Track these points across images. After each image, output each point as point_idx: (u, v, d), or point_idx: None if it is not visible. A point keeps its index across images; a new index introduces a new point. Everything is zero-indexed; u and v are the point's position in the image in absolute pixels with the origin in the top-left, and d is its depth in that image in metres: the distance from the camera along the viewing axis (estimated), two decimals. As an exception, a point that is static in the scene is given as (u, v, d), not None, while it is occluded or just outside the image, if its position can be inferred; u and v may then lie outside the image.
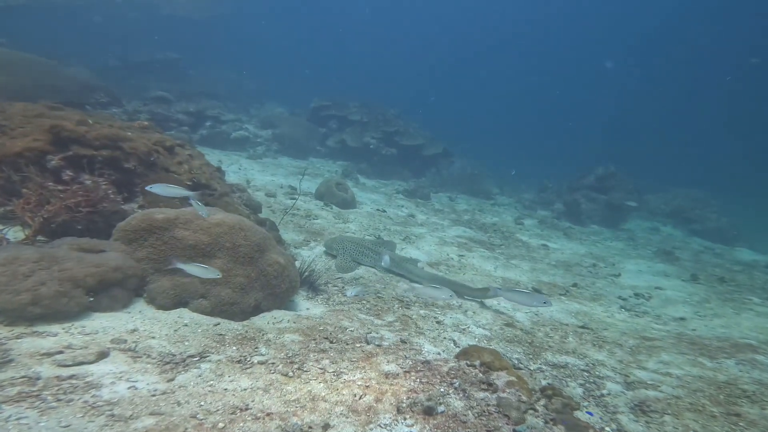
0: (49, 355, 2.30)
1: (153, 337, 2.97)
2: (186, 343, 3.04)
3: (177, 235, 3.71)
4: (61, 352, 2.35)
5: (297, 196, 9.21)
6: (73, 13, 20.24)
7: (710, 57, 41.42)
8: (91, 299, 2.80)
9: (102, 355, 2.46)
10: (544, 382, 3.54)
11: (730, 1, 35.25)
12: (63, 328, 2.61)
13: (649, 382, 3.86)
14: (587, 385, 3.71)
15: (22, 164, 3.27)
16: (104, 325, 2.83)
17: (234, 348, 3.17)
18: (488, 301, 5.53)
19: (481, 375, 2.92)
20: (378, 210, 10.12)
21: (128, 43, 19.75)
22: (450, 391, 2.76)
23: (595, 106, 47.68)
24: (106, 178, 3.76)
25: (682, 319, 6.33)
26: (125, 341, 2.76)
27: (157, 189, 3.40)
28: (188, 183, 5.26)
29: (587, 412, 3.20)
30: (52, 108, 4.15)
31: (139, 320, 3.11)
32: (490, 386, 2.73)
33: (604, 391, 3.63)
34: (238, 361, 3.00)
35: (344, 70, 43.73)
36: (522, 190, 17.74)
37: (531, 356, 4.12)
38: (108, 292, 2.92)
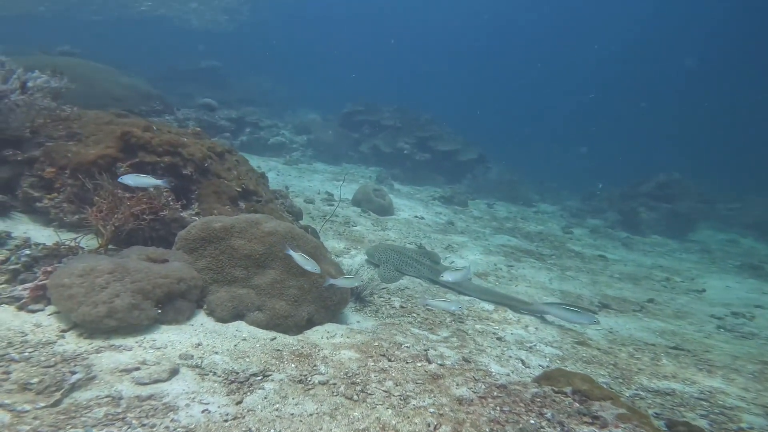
0: (127, 371, 2.26)
1: (216, 353, 2.89)
2: (247, 360, 2.94)
3: (234, 244, 3.65)
4: (138, 369, 2.29)
5: (336, 203, 9.15)
6: (126, 26, 21.73)
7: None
8: (159, 311, 2.75)
9: (174, 372, 2.39)
10: (651, 412, 3.11)
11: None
12: (136, 342, 2.57)
13: (804, 415, 3.30)
14: (712, 416, 3.19)
15: (96, 172, 3.33)
16: (171, 338, 2.78)
17: (293, 365, 3.04)
18: (549, 317, 5.12)
19: (577, 405, 2.55)
20: (416, 217, 9.87)
21: (167, 54, 20.90)
22: (543, 424, 2.43)
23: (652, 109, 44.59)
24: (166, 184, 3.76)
25: (803, 341, 5.58)
26: (192, 356, 2.69)
27: (129, 180, 3.32)
28: (238, 189, 5.27)
29: None
30: (118, 115, 4.28)
31: (202, 334, 3.05)
32: (596, 420, 2.37)
33: (743, 425, 3.11)
34: (299, 381, 2.85)
35: (377, 75, 44.05)
36: (564, 197, 16.83)
37: (620, 380, 3.66)
38: (173, 304, 2.87)
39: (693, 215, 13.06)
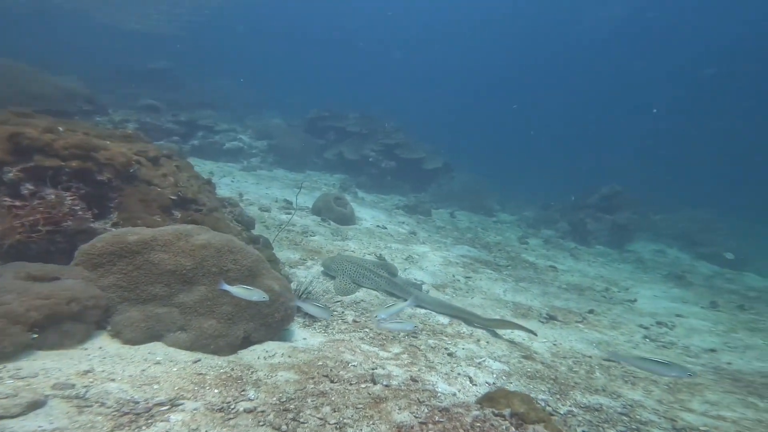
0: (-40, 413, 1.79)
1: (113, 380, 2.45)
2: (155, 387, 2.53)
3: (153, 258, 3.22)
4: (-22, 408, 1.83)
5: (293, 211, 8.74)
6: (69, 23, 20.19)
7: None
8: (35, 336, 2.29)
9: (35, 406, 1.95)
10: (579, 431, 3.05)
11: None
12: (-9, 374, 2.09)
13: (702, 428, 3.41)
14: (629, 432, 3.23)
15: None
16: (48, 366, 2.32)
17: (216, 391, 2.66)
18: (500, 331, 5.07)
19: (513, 429, 2.46)
20: (378, 226, 9.66)
21: (112, 55, 19.66)
22: (479, 454, 2.26)
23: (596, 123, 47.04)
24: (73, 192, 3.28)
25: (712, 350, 5.89)
26: (73, 386, 2.24)
27: None
28: (172, 197, 4.78)
29: None
30: (19, 115, 3.72)
31: (97, 359, 2.59)
32: (529, 447, 2.24)
33: (652, 441, 3.17)
34: (220, 410, 2.49)
35: (344, 81, 43.61)
36: (523, 207, 17.40)
37: (558, 396, 3.63)
38: (59, 327, 2.41)
39: (630, 226, 13.89)
